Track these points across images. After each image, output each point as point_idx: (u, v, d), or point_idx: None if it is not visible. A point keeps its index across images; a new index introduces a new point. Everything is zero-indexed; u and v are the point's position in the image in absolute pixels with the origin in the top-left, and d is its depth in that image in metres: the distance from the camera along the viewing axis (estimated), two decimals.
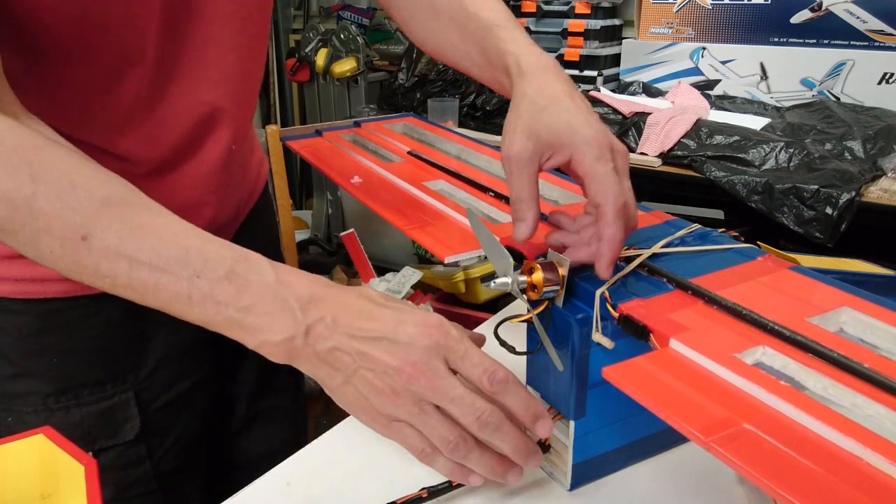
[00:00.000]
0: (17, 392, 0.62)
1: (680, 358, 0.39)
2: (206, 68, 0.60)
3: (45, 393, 0.62)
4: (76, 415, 0.63)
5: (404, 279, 1.97)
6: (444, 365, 0.45)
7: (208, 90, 0.61)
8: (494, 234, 0.49)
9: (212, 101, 0.61)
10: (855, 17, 1.65)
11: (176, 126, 0.60)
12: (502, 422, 0.45)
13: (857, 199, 1.24)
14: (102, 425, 0.64)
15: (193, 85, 0.60)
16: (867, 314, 0.43)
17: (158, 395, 0.67)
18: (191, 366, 0.70)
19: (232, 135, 0.65)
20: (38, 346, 0.61)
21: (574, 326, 0.47)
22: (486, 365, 0.45)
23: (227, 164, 0.66)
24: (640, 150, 1.52)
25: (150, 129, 0.59)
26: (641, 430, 0.56)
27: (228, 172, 0.67)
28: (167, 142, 0.60)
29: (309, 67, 2.68)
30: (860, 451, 0.31)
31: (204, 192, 0.65)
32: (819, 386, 0.37)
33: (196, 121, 0.61)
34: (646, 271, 0.49)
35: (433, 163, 0.76)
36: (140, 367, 0.65)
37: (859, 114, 1.53)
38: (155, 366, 0.66)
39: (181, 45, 0.58)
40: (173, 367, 0.68)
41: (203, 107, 0.61)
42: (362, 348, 0.45)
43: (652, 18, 1.94)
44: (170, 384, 0.68)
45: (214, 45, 0.60)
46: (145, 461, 0.66)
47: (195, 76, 0.60)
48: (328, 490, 0.56)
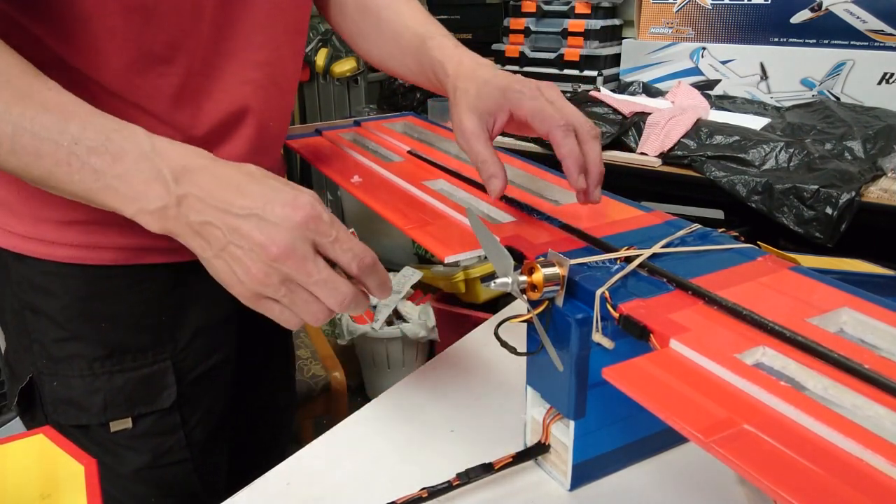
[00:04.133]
0: (63, 356, 0.63)
1: (680, 358, 0.39)
2: (252, 51, 0.63)
3: (92, 357, 0.63)
4: (119, 380, 0.64)
5: (404, 279, 1.97)
6: (311, 247, 0.46)
7: (251, 70, 0.63)
8: (494, 234, 0.49)
9: (254, 80, 0.64)
10: (855, 17, 1.65)
11: (220, 103, 0.62)
12: (360, 302, 0.48)
13: (857, 199, 1.23)
14: (143, 391, 0.65)
15: (239, 64, 0.62)
16: (867, 314, 0.43)
17: (194, 366, 0.68)
18: (222, 340, 0.71)
19: (268, 115, 0.66)
20: (87, 310, 0.63)
21: (574, 326, 0.47)
22: (356, 250, 0.47)
23: (260, 149, 0.67)
24: (640, 150, 1.52)
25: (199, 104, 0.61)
26: (641, 430, 0.56)
27: (260, 157, 0.66)
28: (212, 118, 0.62)
29: (309, 67, 2.68)
30: (860, 452, 0.31)
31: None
32: (819, 386, 0.37)
33: (237, 101, 0.63)
34: (646, 271, 0.49)
35: (433, 162, 0.76)
36: (178, 339, 0.67)
37: (859, 114, 1.53)
38: (191, 337, 0.68)
39: (229, 28, 0.61)
40: (207, 341, 0.69)
41: (246, 85, 0.63)
42: (234, 223, 0.45)
43: (652, 18, 1.94)
44: (203, 357, 0.69)
45: (256, 32, 0.62)
46: (179, 430, 0.68)
47: (242, 57, 0.62)
48: (328, 490, 0.56)
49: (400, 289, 1.94)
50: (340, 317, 1.94)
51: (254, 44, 0.63)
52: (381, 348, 1.94)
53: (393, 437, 0.63)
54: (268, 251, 0.45)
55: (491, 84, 0.59)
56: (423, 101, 2.17)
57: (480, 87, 0.60)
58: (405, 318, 1.93)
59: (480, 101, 0.59)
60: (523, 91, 0.57)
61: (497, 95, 0.58)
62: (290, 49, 0.68)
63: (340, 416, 1.36)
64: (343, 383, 1.43)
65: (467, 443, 0.62)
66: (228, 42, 0.61)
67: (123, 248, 0.62)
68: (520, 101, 0.57)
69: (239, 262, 0.46)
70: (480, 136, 0.58)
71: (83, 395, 0.63)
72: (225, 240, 0.46)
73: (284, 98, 0.69)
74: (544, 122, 0.56)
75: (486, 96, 0.59)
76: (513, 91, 0.57)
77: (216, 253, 0.47)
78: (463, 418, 0.65)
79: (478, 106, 0.59)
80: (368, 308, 1.94)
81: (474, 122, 0.59)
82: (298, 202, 0.46)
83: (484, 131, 0.59)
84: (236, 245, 0.46)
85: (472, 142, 0.58)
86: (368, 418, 0.66)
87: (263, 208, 0.45)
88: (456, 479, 0.52)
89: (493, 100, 0.58)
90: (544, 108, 0.56)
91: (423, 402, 0.68)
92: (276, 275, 0.45)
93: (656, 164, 1.48)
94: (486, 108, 0.59)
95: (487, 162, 0.57)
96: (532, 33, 2.01)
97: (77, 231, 0.60)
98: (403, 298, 1.95)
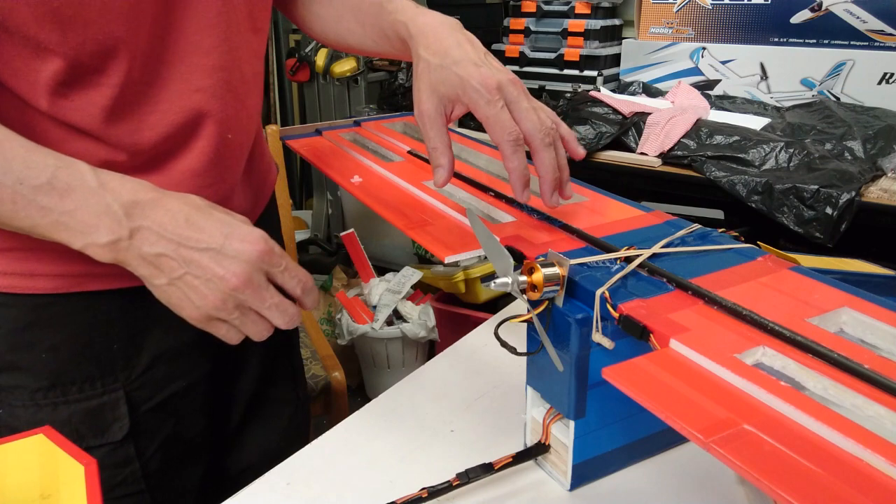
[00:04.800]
0: (6, 385, 0.62)
1: (680, 358, 0.39)
2: (201, 56, 0.59)
3: (33, 388, 0.61)
4: (64, 411, 0.62)
5: (404, 279, 1.97)
6: (265, 277, 0.52)
7: (201, 77, 0.60)
8: (494, 234, 0.49)
9: (205, 87, 0.60)
10: (855, 17, 1.65)
11: (167, 114, 0.59)
12: (299, 318, 0.55)
13: (857, 199, 1.23)
14: (91, 423, 0.63)
15: (187, 71, 0.59)
16: (867, 314, 0.43)
17: (151, 394, 0.66)
18: (187, 366, 0.69)
19: (226, 126, 0.63)
20: (26, 340, 0.61)
21: (574, 326, 0.47)
22: (300, 276, 0.54)
23: (222, 158, 0.64)
24: (640, 150, 1.52)
25: (141, 118, 0.58)
26: (641, 430, 0.56)
27: (225, 167, 0.65)
28: (158, 131, 0.59)
29: (309, 67, 2.68)
30: (860, 452, 0.31)
31: (199, 185, 0.63)
32: (819, 386, 0.37)
33: (187, 110, 0.60)
34: (646, 271, 0.49)
35: None
36: (133, 366, 0.65)
37: (859, 114, 1.53)
38: (149, 365, 0.65)
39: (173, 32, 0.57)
40: (168, 367, 0.67)
41: (196, 94, 0.60)
42: (190, 256, 0.50)
43: (652, 18, 1.94)
44: (164, 384, 0.67)
45: (204, 34, 0.59)
46: (134, 461, 0.66)
47: (189, 63, 0.58)
48: (328, 490, 0.56)
49: (400, 289, 1.94)
50: (340, 317, 1.94)
51: (203, 47, 0.59)
52: (381, 348, 1.94)
53: (393, 437, 0.63)
54: (227, 282, 0.50)
55: (452, 68, 0.56)
56: None
57: (443, 66, 0.57)
58: (405, 318, 1.93)
59: (442, 84, 0.57)
60: (480, 91, 0.55)
61: (457, 85, 0.56)
62: (247, 50, 0.64)
63: (340, 416, 1.36)
64: (343, 383, 1.43)
65: (467, 443, 0.62)
66: (173, 47, 0.57)
67: (62, 275, 0.59)
68: (476, 104, 0.55)
69: (195, 290, 0.50)
70: (436, 120, 0.57)
71: (27, 426, 0.59)
72: (181, 270, 0.50)
73: (244, 105, 0.65)
74: (495, 133, 0.55)
75: (447, 81, 0.56)
76: (472, 88, 0.55)
77: (170, 281, 0.51)
78: (463, 418, 0.65)
79: (438, 88, 0.57)
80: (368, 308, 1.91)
81: (433, 105, 0.57)
82: (253, 237, 0.51)
83: (441, 116, 0.57)
84: (193, 275, 0.50)
85: (428, 126, 0.57)
86: (368, 418, 0.66)
87: (223, 243, 0.50)
88: (456, 479, 0.52)
89: (452, 89, 0.56)
90: (497, 118, 0.55)
91: (423, 402, 0.68)
92: (232, 301, 0.51)
93: (656, 164, 1.48)
94: (446, 94, 0.57)
95: (437, 150, 0.57)
96: (532, 33, 2.01)
97: (10, 259, 0.58)
98: (403, 298, 1.95)
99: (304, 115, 2.99)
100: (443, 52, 0.57)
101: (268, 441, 0.82)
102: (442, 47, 0.58)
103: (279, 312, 0.53)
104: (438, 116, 0.57)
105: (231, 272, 0.50)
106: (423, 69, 0.58)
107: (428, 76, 0.57)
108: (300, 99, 3.00)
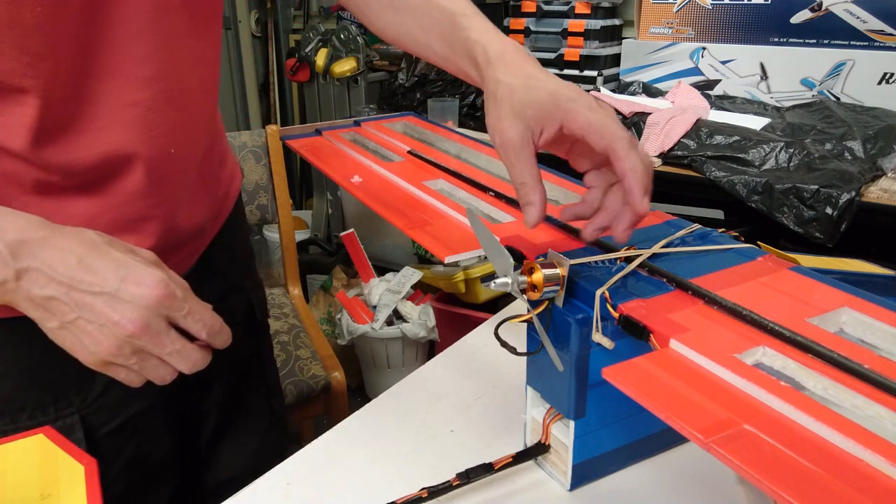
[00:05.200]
0: None
1: (680, 358, 0.39)
2: (134, 66, 0.54)
3: None
4: None
5: (404, 279, 1.97)
6: (164, 322, 0.49)
7: (136, 90, 0.55)
8: (494, 234, 0.49)
9: (141, 101, 0.55)
10: (855, 17, 1.65)
11: (101, 131, 0.54)
12: (207, 360, 0.53)
13: (857, 199, 1.23)
14: None
15: (119, 84, 0.54)
16: (867, 315, 0.43)
17: (109, 417, 0.64)
18: (146, 387, 0.67)
19: (169, 139, 0.59)
20: None
21: (574, 326, 0.47)
22: (206, 319, 0.51)
23: (168, 174, 0.60)
24: None
25: (72, 137, 0.53)
26: (641, 430, 0.56)
27: (172, 182, 0.61)
28: (92, 151, 0.54)
29: (309, 67, 2.68)
30: (860, 452, 0.31)
31: (144, 206, 0.59)
32: (819, 386, 0.37)
33: (122, 126, 0.55)
34: (646, 271, 0.49)
35: (433, 162, 0.76)
36: (88, 390, 0.62)
37: (859, 114, 1.53)
38: (105, 387, 0.63)
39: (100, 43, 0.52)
40: (126, 388, 0.64)
41: (132, 109, 0.55)
42: (82, 300, 0.47)
43: (652, 18, 1.94)
44: (123, 406, 0.65)
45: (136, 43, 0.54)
46: None
47: (121, 74, 0.54)
48: (328, 490, 0.56)
49: (400, 289, 1.94)
50: (340, 317, 1.94)
51: (136, 57, 0.54)
52: (381, 348, 1.94)
53: (393, 437, 0.63)
54: (123, 328, 0.47)
55: (540, 87, 0.49)
56: (423, 101, 2.16)
57: (529, 86, 0.50)
58: (405, 318, 1.93)
59: (528, 106, 0.49)
60: (578, 100, 0.48)
61: (547, 101, 0.49)
62: (189, 57, 0.59)
63: (340, 416, 1.36)
64: (343, 383, 1.43)
65: (467, 443, 0.62)
66: (101, 59, 0.52)
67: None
68: (575, 112, 0.48)
69: (89, 336, 0.48)
70: (524, 150, 0.49)
71: None
72: (73, 314, 0.47)
73: (189, 115, 0.60)
74: (604, 136, 0.47)
75: (535, 101, 0.49)
76: (567, 99, 0.48)
77: (62, 325, 0.48)
78: (463, 418, 0.65)
79: (524, 112, 0.49)
80: (368, 308, 1.91)
81: (519, 132, 0.49)
82: (152, 281, 0.48)
83: (529, 144, 0.49)
84: (87, 320, 0.47)
85: (514, 157, 0.49)
86: (368, 418, 0.66)
87: (118, 288, 0.47)
88: (456, 479, 0.52)
89: (542, 106, 0.49)
90: (603, 121, 0.48)
91: (423, 402, 0.68)
92: (129, 347, 0.48)
93: (656, 164, 1.48)
94: (534, 115, 0.49)
95: (527, 185, 0.49)
96: (532, 33, 2.01)
97: None
98: (403, 298, 1.95)
99: (304, 115, 3.00)
100: (526, 75, 0.51)
101: (243, 456, 0.81)
102: (524, 71, 0.51)
103: (181, 358, 0.50)
104: (525, 145, 0.49)
105: (127, 318, 0.47)
106: (505, 93, 0.50)
107: (510, 99, 0.50)
108: (300, 99, 3.00)
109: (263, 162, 1.58)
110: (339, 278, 2.27)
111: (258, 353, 0.83)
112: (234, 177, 0.78)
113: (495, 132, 0.51)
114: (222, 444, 0.80)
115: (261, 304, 0.83)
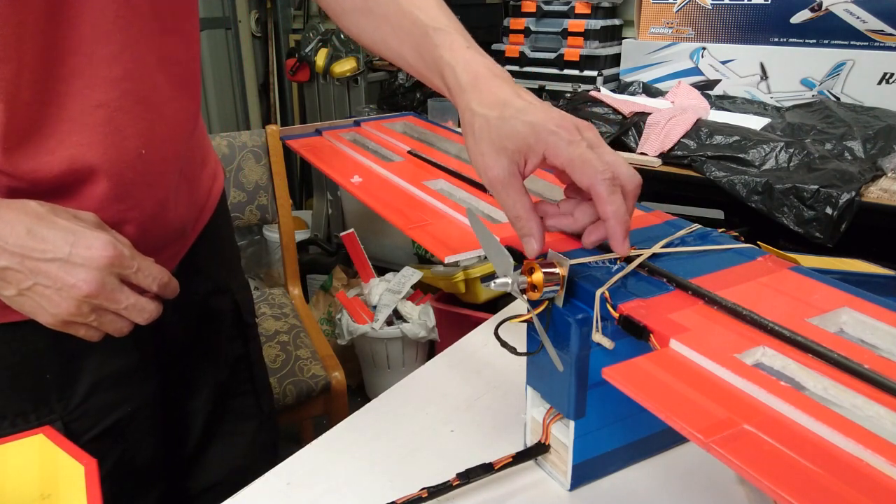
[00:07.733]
0: None
1: (680, 358, 0.39)
2: (100, 67, 0.53)
3: None
4: None
5: (404, 279, 1.97)
6: (117, 279, 0.52)
7: (103, 91, 0.54)
8: (494, 234, 0.49)
9: (108, 101, 0.54)
10: (855, 17, 1.65)
11: (69, 134, 0.54)
12: (158, 311, 0.56)
13: (857, 199, 1.24)
14: None
15: (85, 85, 0.53)
16: (867, 315, 0.43)
17: (93, 423, 0.64)
18: (131, 390, 0.66)
19: (140, 141, 0.58)
20: None
21: (574, 326, 0.47)
22: (155, 274, 0.55)
23: (141, 176, 0.59)
24: (640, 150, 1.52)
25: (39, 142, 0.53)
26: (641, 430, 0.56)
27: (146, 185, 0.60)
28: (59, 155, 0.54)
29: (309, 67, 2.68)
30: (860, 452, 0.31)
31: (118, 209, 0.59)
32: (819, 386, 0.37)
33: (90, 129, 0.54)
34: (646, 271, 0.49)
35: (433, 162, 0.76)
36: (69, 396, 0.62)
37: (859, 114, 1.53)
38: (87, 393, 0.63)
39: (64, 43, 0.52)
40: (110, 393, 0.64)
41: (99, 110, 0.54)
42: (37, 267, 0.50)
43: (652, 18, 1.94)
44: (106, 411, 0.65)
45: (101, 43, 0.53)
46: None
47: (86, 75, 0.53)
48: (328, 490, 0.56)
49: (400, 289, 1.94)
50: (340, 317, 1.94)
51: (101, 57, 0.53)
52: (381, 348, 1.94)
53: (393, 437, 0.63)
54: (80, 290, 0.50)
55: (518, 118, 0.48)
56: (423, 101, 2.17)
57: (505, 117, 0.48)
58: (405, 318, 1.93)
59: (508, 139, 0.48)
60: (559, 133, 0.47)
61: (527, 134, 0.48)
62: (157, 56, 0.58)
63: (340, 416, 1.36)
64: (343, 383, 1.43)
65: (467, 443, 0.62)
66: (65, 61, 0.52)
67: None
68: (556, 147, 0.47)
69: (48, 300, 0.51)
70: (512, 184, 0.48)
71: None
72: (29, 281, 0.50)
73: (160, 116, 0.59)
74: (584, 174, 0.47)
75: (514, 133, 0.48)
76: (547, 132, 0.47)
77: (19, 292, 0.51)
78: (463, 418, 0.65)
79: (505, 145, 0.48)
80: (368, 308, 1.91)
81: (504, 168, 0.48)
82: (100, 244, 0.51)
83: (516, 177, 0.49)
84: (43, 286, 0.50)
85: (503, 194, 0.49)
86: (368, 418, 0.66)
87: (69, 253, 0.50)
88: (456, 479, 0.52)
89: (523, 139, 0.48)
90: (584, 157, 0.47)
91: (423, 402, 0.68)
92: (87, 307, 0.51)
93: (656, 164, 1.48)
94: (516, 148, 0.48)
95: (521, 219, 0.49)
96: (532, 33, 2.01)
97: None
98: (403, 298, 1.95)
99: (304, 115, 3.00)
100: (501, 104, 0.49)
101: (231, 458, 0.80)
102: (499, 100, 0.49)
103: (137, 311, 0.54)
104: (512, 179, 0.48)
105: (82, 280, 0.50)
106: (482, 127, 0.49)
107: (489, 134, 0.49)
108: (300, 99, 3.00)
109: (263, 162, 1.58)
110: (339, 278, 2.27)
111: (245, 355, 0.83)
112: (217, 176, 0.78)
113: (480, 170, 0.50)
114: (210, 446, 0.79)
115: (247, 304, 0.83)
